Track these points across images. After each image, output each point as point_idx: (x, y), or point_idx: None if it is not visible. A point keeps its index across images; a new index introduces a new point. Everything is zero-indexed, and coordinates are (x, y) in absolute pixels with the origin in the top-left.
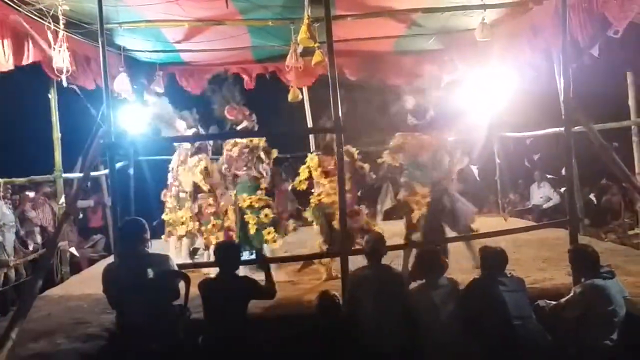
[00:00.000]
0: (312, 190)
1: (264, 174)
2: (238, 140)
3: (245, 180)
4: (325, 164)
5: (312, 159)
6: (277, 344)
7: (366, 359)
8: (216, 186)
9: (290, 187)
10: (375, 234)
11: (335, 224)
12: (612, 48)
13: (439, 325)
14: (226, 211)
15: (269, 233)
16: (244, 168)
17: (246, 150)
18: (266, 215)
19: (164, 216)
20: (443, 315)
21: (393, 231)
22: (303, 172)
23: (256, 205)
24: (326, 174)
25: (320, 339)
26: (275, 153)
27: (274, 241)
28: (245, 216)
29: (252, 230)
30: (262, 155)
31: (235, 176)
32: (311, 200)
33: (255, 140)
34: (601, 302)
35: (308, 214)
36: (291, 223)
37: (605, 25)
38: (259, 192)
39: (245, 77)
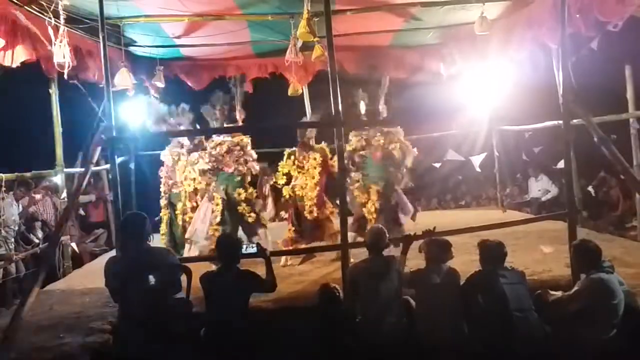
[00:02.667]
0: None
1: (253, 170)
2: (222, 138)
3: (230, 174)
4: (300, 158)
5: (289, 155)
6: (278, 335)
7: (367, 349)
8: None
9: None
10: (376, 227)
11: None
12: (610, 41)
13: (436, 309)
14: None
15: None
16: (233, 165)
17: (236, 147)
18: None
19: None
20: (440, 300)
21: None
22: (283, 167)
23: (251, 199)
24: (301, 168)
25: (322, 331)
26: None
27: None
28: (239, 208)
29: (249, 220)
30: (252, 152)
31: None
32: (284, 192)
33: (245, 139)
34: (606, 296)
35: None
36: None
37: (604, 18)
38: (245, 186)
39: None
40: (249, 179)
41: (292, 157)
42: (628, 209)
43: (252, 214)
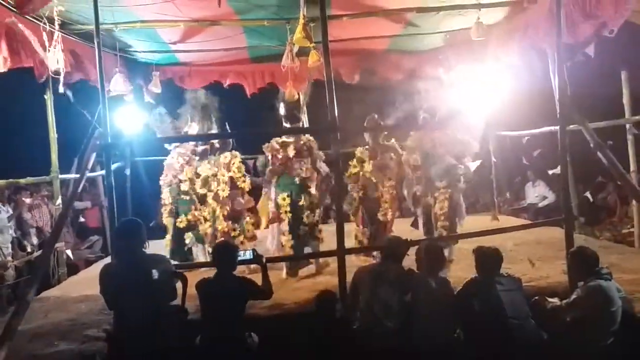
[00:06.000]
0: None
1: (322, 170)
2: (286, 139)
3: (294, 178)
4: (376, 157)
5: (362, 153)
6: (275, 342)
7: (364, 355)
8: (264, 182)
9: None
10: (395, 237)
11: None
12: (606, 47)
13: (431, 316)
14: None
15: (320, 231)
16: (298, 166)
17: (304, 147)
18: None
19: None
20: (435, 307)
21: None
22: (354, 166)
23: (313, 207)
24: (375, 168)
25: (319, 338)
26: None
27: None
28: (304, 215)
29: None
30: (320, 152)
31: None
32: (354, 194)
33: (311, 139)
34: (605, 303)
35: (347, 207)
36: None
37: (599, 24)
38: (309, 190)
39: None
40: (313, 184)
41: (366, 156)
42: (625, 215)
43: (306, 227)
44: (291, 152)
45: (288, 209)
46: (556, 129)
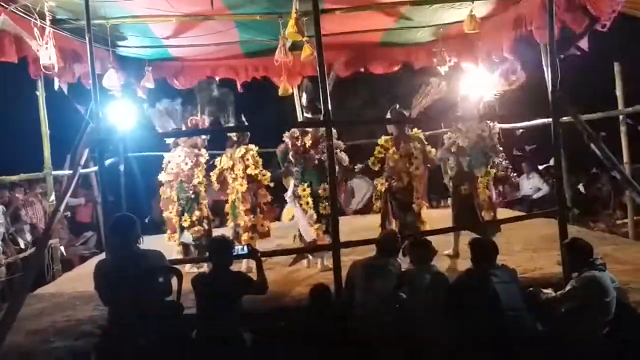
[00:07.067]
0: None
1: (343, 162)
2: (305, 130)
3: (313, 168)
4: (400, 146)
5: (386, 141)
6: (269, 337)
7: (359, 348)
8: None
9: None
10: (391, 231)
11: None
12: (599, 38)
13: (426, 309)
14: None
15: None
16: (317, 156)
17: (321, 138)
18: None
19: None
20: (429, 300)
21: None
22: (378, 152)
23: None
24: (400, 156)
25: (313, 332)
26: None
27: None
28: (321, 206)
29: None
30: (340, 142)
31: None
32: (378, 185)
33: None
34: (599, 294)
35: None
36: None
37: (592, 16)
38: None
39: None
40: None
41: (391, 144)
42: (619, 206)
43: (325, 220)
44: (308, 141)
45: (309, 199)
46: (549, 121)
